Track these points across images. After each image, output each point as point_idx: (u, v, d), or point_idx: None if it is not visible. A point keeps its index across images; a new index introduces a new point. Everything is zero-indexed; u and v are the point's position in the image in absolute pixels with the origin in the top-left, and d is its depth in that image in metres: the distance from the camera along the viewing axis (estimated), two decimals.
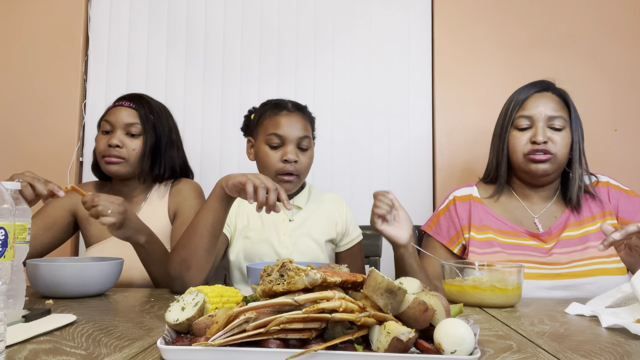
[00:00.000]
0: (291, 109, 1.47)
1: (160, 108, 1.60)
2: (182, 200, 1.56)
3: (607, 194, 1.42)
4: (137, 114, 1.52)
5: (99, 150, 1.52)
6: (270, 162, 1.43)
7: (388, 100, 2.12)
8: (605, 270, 1.28)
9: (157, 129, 1.55)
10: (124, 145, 1.49)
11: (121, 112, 1.51)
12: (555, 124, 1.35)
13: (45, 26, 2.14)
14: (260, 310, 0.63)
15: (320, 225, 1.50)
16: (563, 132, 1.35)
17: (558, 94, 1.40)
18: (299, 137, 1.43)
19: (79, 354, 0.66)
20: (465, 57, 2.09)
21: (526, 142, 1.36)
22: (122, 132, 1.51)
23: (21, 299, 0.94)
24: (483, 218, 1.42)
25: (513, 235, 1.38)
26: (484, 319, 0.95)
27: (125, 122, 1.50)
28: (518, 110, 1.39)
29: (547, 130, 1.35)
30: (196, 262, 1.21)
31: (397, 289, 0.65)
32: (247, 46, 2.14)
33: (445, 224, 1.46)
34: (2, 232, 0.60)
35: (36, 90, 2.12)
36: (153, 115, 1.55)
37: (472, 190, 1.49)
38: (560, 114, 1.36)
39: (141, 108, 1.53)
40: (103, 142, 1.51)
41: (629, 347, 0.73)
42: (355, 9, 2.15)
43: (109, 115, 1.53)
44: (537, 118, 1.36)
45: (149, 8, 2.16)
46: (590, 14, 2.09)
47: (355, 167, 2.10)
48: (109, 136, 1.51)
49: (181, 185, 1.60)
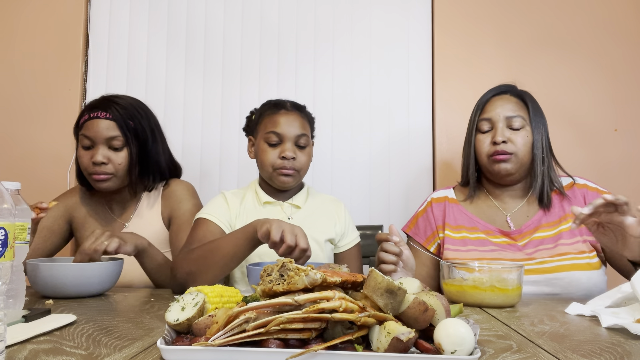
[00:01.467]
0: (289, 108, 1.50)
1: (137, 107, 1.50)
2: (176, 204, 1.53)
3: (583, 196, 1.43)
4: (116, 125, 1.43)
5: (83, 166, 1.45)
6: (268, 159, 1.45)
7: (388, 100, 2.12)
8: (574, 265, 1.30)
9: (140, 135, 1.47)
10: (109, 161, 1.43)
11: (98, 125, 1.42)
12: (513, 123, 1.39)
13: (45, 26, 2.14)
14: (260, 310, 0.63)
15: (319, 224, 1.50)
16: (522, 131, 1.39)
17: (516, 94, 1.45)
18: (296, 135, 1.45)
19: (79, 354, 0.66)
20: (465, 57, 2.09)
21: (488, 143, 1.41)
22: (104, 147, 1.43)
23: (21, 299, 0.94)
24: (458, 218, 1.47)
25: (485, 234, 1.42)
26: (484, 319, 0.95)
27: (105, 136, 1.42)
28: (480, 114, 1.45)
29: (506, 131, 1.39)
30: (203, 279, 1.21)
31: (397, 289, 0.65)
32: (247, 46, 2.14)
33: (422, 225, 1.52)
34: (2, 232, 0.60)
35: (36, 90, 2.12)
36: (132, 120, 1.46)
37: (449, 192, 1.54)
38: (519, 114, 1.40)
39: (118, 116, 1.43)
40: (86, 158, 1.44)
41: (629, 347, 0.73)
42: (355, 9, 2.14)
43: (86, 130, 1.44)
44: (496, 119, 1.41)
45: (149, 8, 2.16)
46: (590, 14, 2.09)
47: (355, 167, 2.09)
48: (90, 152, 1.44)
49: (172, 188, 1.56)
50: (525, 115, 1.41)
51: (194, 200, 1.56)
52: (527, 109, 1.42)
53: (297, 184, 1.52)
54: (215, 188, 2.09)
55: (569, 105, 2.06)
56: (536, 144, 1.40)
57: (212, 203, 1.48)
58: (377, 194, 2.09)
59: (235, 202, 1.49)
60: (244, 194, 1.53)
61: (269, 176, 1.48)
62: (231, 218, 1.46)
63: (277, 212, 1.50)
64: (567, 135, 2.04)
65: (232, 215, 1.46)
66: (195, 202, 1.56)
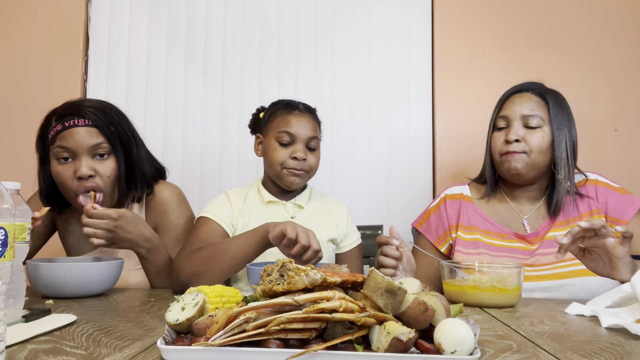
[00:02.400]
0: (303, 110, 1.51)
1: (113, 111, 1.36)
2: (160, 216, 1.44)
3: (595, 191, 1.39)
4: (99, 131, 1.30)
5: (67, 186, 1.29)
6: (278, 158, 1.45)
7: (388, 100, 2.12)
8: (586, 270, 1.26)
9: (124, 140, 1.34)
10: (96, 173, 1.29)
11: (78, 133, 1.28)
12: (530, 122, 1.34)
13: (45, 26, 2.14)
14: (260, 310, 0.63)
15: (322, 224, 1.50)
16: (539, 131, 1.34)
17: (538, 93, 1.39)
18: (308, 137, 1.47)
19: (79, 354, 0.66)
20: (466, 57, 2.09)
21: (502, 142, 1.37)
22: (88, 157, 1.29)
23: (21, 299, 0.94)
24: (472, 218, 1.43)
25: (500, 237, 1.39)
26: (484, 319, 0.95)
27: (89, 144, 1.28)
28: (498, 111, 1.41)
29: (521, 130, 1.34)
30: (208, 279, 1.21)
31: (397, 289, 0.65)
32: (247, 46, 2.14)
33: (434, 223, 1.48)
34: (2, 232, 0.60)
35: (36, 90, 2.12)
36: (113, 125, 1.33)
37: (464, 190, 1.50)
38: (537, 113, 1.35)
39: (98, 121, 1.30)
40: (67, 174, 1.28)
41: (629, 347, 0.73)
42: (355, 9, 2.14)
43: (62, 140, 1.28)
44: (512, 117, 1.36)
45: (149, 8, 2.16)
46: (590, 14, 2.09)
47: (355, 167, 2.10)
48: (72, 165, 1.28)
49: (157, 197, 1.45)
50: (545, 115, 1.35)
51: (180, 210, 1.46)
52: (547, 109, 1.36)
53: (304, 183, 1.53)
54: (216, 188, 2.09)
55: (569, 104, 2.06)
56: (558, 145, 1.33)
57: (214, 202, 1.48)
58: (377, 193, 2.09)
59: (238, 201, 1.49)
60: (247, 193, 1.53)
61: (277, 174, 1.47)
62: (233, 217, 1.46)
63: (280, 211, 1.50)
64: None
65: (235, 214, 1.46)
66: (181, 211, 1.47)
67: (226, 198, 1.49)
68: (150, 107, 2.12)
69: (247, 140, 2.09)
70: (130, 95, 2.12)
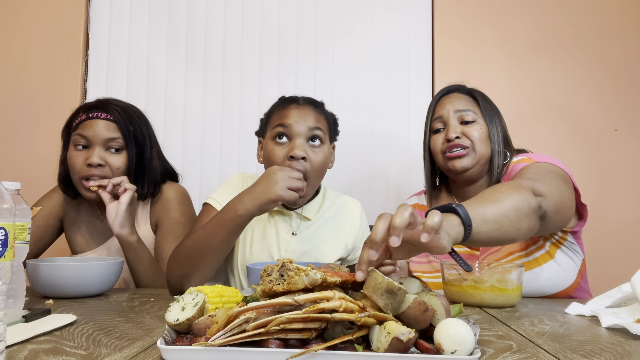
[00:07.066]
0: (302, 102, 1.32)
1: (136, 113, 1.46)
2: (163, 212, 1.47)
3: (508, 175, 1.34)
4: (117, 127, 1.38)
5: (76, 169, 1.37)
6: (274, 159, 1.26)
7: (388, 101, 2.12)
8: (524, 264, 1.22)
9: (139, 140, 1.42)
10: (105, 163, 1.36)
11: (97, 125, 1.36)
12: (465, 117, 1.34)
13: (45, 26, 2.14)
14: (260, 310, 0.63)
15: (329, 242, 1.40)
16: (476, 124, 1.34)
17: (465, 92, 1.40)
18: (309, 127, 1.26)
19: (79, 354, 0.66)
20: (466, 57, 2.09)
21: (442, 141, 1.36)
22: (101, 149, 1.36)
23: (21, 299, 0.94)
24: None
25: None
26: (484, 319, 0.95)
27: (105, 137, 1.36)
28: (431, 116, 1.40)
29: (458, 127, 1.34)
30: (199, 276, 1.18)
31: (397, 289, 0.65)
32: (247, 46, 2.14)
33: None
34: (2, 232, 0.60)
35: (36, 90, 2.12)
36: (132, 124, 1.41)
37: (420, 199, 1.51)
38: (469, 108, 1.35)
39: (119, 118, 1.38)
40: (79, 160, 1.36)
41: (629, 347, 0.73)
42: (355, 9, 2.14)
43: (83, 129, 1.37)
44: (447, 116, 1.36)
45: (149, 8, 2.16)
46: (590, 14, 2.09)
47: (355, 167, 2.10)
48: (85, 153, 1.37)
49: (163, 194, 1.49)
50: (477, 110, 1.36)
51: (182, 208, 1.48)
52: (477, 104, 1.37)
53: (308, 195, 1.33)
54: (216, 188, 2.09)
55: (569, 105, 2.06)
56: (492, 137, 1.33)
57: (224, 185, 1.40)
58: (377, 193, 2.09)
59: None
60: None
61: None
62: None
63: (285, 223, 1.40)
64: (567, 135, 2.04)
65: None
66: (183, 209, 1.49)
67: (239, 180, 1.40)
68: (150, 107, 2.11)
69: (247, 141, 2.09)
70: (130, 95, 2.12)
